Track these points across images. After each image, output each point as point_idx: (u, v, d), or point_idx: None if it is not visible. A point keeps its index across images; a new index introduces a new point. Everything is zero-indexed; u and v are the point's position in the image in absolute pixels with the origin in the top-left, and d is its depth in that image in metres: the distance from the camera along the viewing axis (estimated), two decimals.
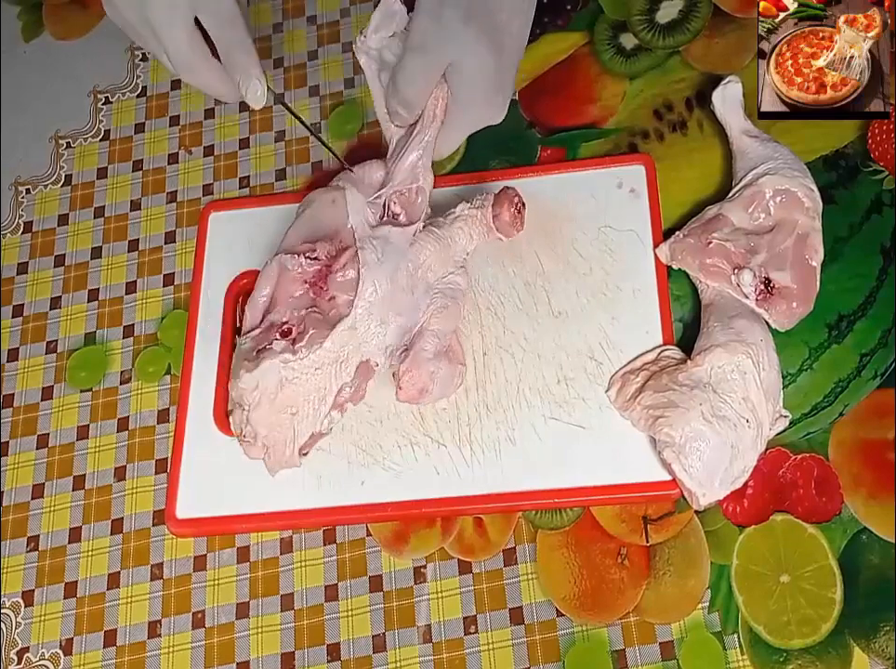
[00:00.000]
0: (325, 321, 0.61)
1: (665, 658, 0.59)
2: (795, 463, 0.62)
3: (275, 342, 0.60)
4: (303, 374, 0.60)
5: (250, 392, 0.60)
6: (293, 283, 0.63)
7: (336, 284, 0.62)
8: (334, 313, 0.62)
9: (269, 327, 0.62)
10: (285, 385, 0.60)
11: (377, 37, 0.63)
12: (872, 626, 0.58)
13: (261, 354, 0.60)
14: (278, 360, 0.60)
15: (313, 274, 0.63)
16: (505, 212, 0.65)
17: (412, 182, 0.64)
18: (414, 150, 0.64)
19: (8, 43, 0.92)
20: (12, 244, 0.81)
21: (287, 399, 0.60)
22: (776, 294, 0.62)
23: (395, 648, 0.62)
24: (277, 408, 0.60)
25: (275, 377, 0.60)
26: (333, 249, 0.63)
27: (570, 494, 0.62)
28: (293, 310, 0.62)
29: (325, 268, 0.63)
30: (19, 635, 0.66)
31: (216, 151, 0.82)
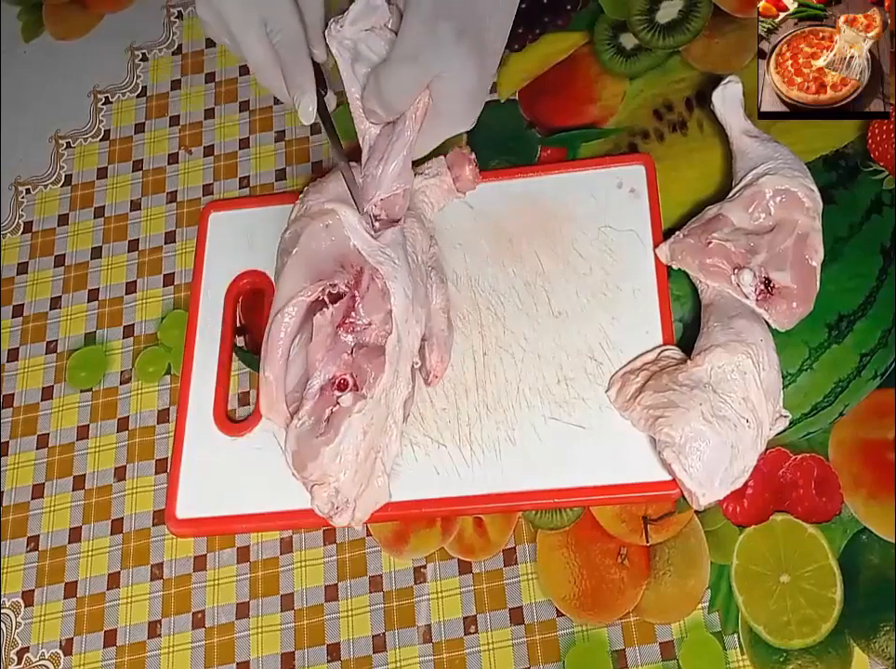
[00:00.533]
0: (375, 349, 0.59)
1: (665, 658, 0.59)
2: (795, 463, 0.62)
3: (342, 399, 0.57)
4: (374, 411, 0.58)
5: (333, 464, 0.57)
6: (325, 334, 0.60)
7: (367, 310, 0.60)
8: (376, 337, 0.60)
9: (321, 392, 0.58)
10: (367, 431, 0.57)
11: (354, 28, 0.61)
12: (872, 626, 0.58)
13: (334, 418, 0.57)
14: (356, 416, 0.57)
15: (343, 314, 0.60)
16: (465, 170, 0.69)
17: (398, 187, 0.63)
18: (397, 154, 0.62)
19: (8, 43, 0.92)
20: (12, 244, 0.81)
21: (369, 444, 0.58)
22: (776, 294, 0.62)
23: (395, 648, 0.62)
24: (364, 459, 0.58)
25: (357, 433, 0.57)
26: (350, 278, 0.60)
27: (570, 494, 0.62)
28: (336, 361, 0.59)
29: (350, 301, 0.60)
30: (19, 635, 0.66)
31: (216, 151, 0.82)
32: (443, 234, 0.72)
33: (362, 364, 0.58)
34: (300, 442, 0.58)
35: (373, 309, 0.60)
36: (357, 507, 0.59)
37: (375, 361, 0.58)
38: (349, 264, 0.61)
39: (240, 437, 0.67)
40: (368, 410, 0.57)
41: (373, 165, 0.62)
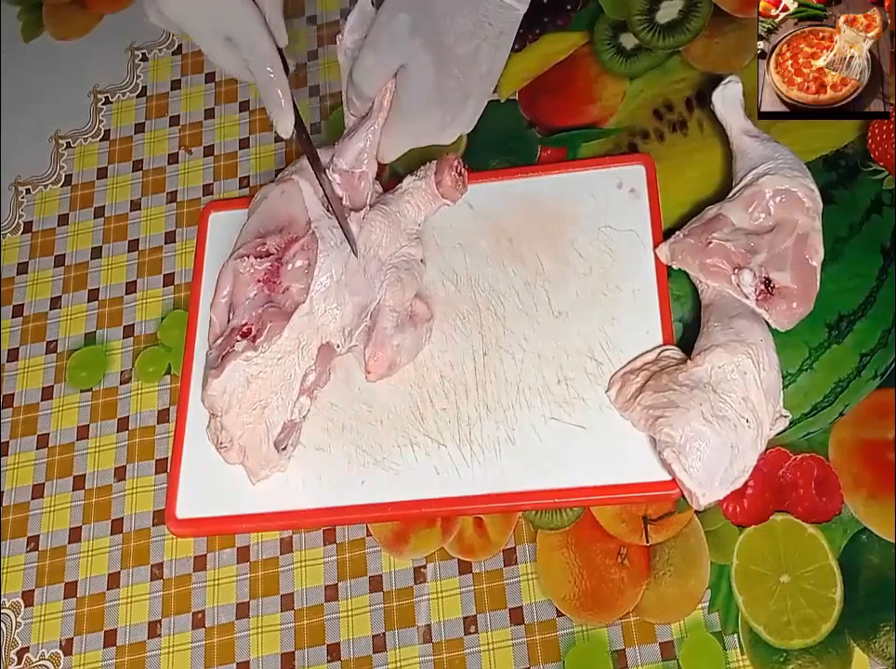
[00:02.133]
0: (282, 313, 0.62)
1: (665, 658, 0.59)
2: (795, 463, 0.62)
3: (237, 344, 0.61)
4: (267, 368, 0.61)
5: (220, 397, 0.61)
6: (246, 285, 0.63)
7: (288, 275, 0.63)
8: (289, 303, 0.62)
9: (230, 332, 0.62)
10: (251, 381, 0.61)
11: (352, 38, 0.65)
12: (872, 626, 0.58)
13: (225, 358, 0.61)
14: (241, 360, 0.60)
15: (265, 272, 0.63)
16: (446, 177, 0.68)
17: (356, 167, 0.65)
18: (360, 136, 0.65)
19: (8, 43, 0.92)
20: (12, 244, 0.81)
21: (255, 395, 0.61)
22: (776, 294, 0.62)
23: (395, 648, 0.62)
24: (247, 406, 0.61)
25: (241, 377, 0.61)
26: (282, 241, 0.64)
27: (570, 494, 0.62)
28: (250, 311, 0.63)
29: (276, 263, 0.63)
30: (19, 635, 0.66)
31: (216, 151, 0.82)
32: (443, 234, 0.72)
33: (267, 321, 0.62)
34: (204, 369, 0.63)
35: (294, 277, 0.63)
36: (247, 456, 0.63)
37: (277, 322, 0.61)
38: (289, 230, 0.64)
39: None
40: (257, 362, 0.60)
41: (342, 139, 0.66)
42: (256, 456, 0.63)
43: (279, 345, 0.61)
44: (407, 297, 0.67)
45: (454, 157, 0.69)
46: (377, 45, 0.60)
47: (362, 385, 0.67)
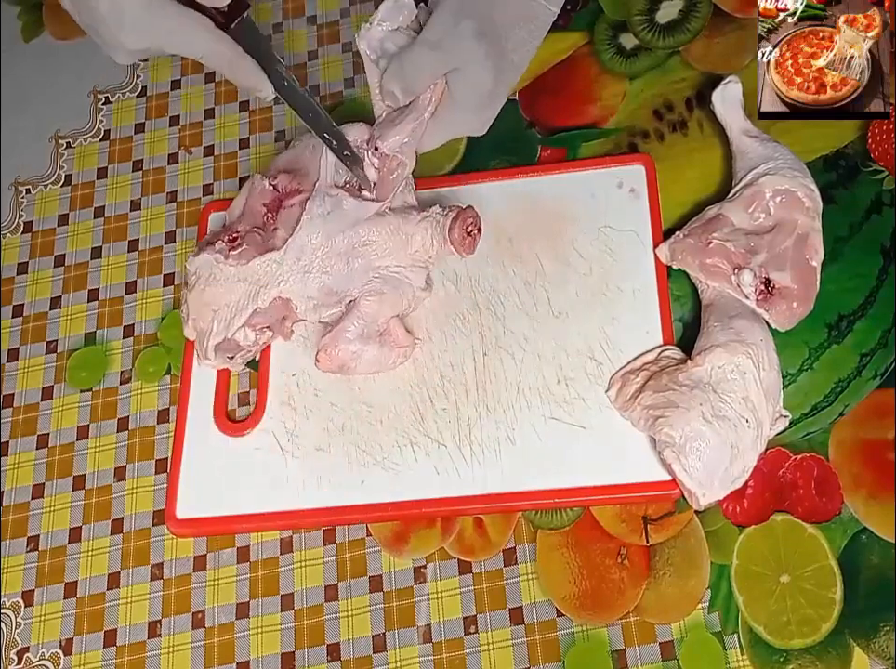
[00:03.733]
0: (261, 245, 0.66)
1: (665, 658, 0.59)
2: (795, 463, 0.62)
3: (217, 242, 0.67)
4: (226, 281, 0.66)
5: (190, 275, 0.67)
6: (256, 202, 0.69)
7: (282, 218, 0.67)
8: (270, 242, 0.67)
9: (224, 229, 0.68)
10: (211, 282, 0.66)
11: (382, 28, 0.65)
12: (872, 626, 0.58)
13: (206, 247, 0.67)
14: (211, 256, 0.66)
15: (269, 200, 0.68)
16: (455, 230, 0.65)
17: (399, 154, 0.66)
18: (406, 127, 0.66)
19: (8, 43, 0.92)
20: (12, 244, 0.81)
21: (211, 296, 0.66)
22: (776, 294, 0.62)
23: (395, 648, 0.62)
24: (203, 300, 0.67)
25: (207, 270, 0.67)
26: (290, 186, 0.68)
27: (570, 494, 0.62)
28: (245, 223, 0.68)
29: (278, 199, 0.68)
30: (19, 635, 0.66)
31: (216, 151, 0.82)
32: None
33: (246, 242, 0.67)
34: None
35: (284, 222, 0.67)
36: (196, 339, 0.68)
37: (251, 249, 0.66)
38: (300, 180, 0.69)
39: (240, 437, 0.67)
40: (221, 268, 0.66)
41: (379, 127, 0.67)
42: (201, 345, 0.68)
43: (242, 270, 0.66)
44: (383, 313, 0.65)
45: (471, 214, 0.66)
46: (440, 44, 0.62)
47: (361, 385, 0.67)
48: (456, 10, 0.62)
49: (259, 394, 0.68)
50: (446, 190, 0.73)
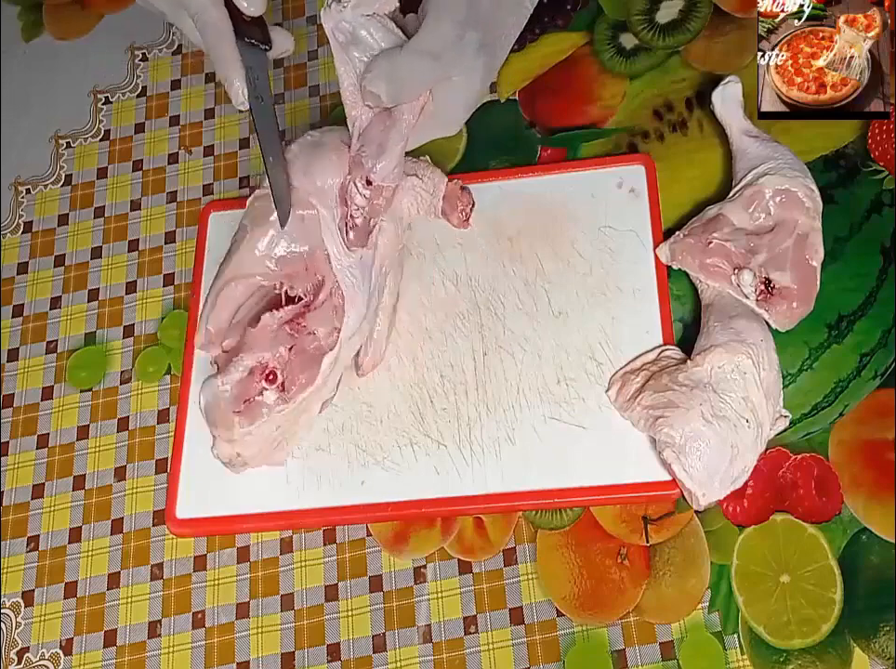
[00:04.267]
0: (310, 358, 0.61)
1: (665, 658, 0.59)
2: (795, 463, 0.62)
3: (266, 393, 0.60)
4: (293, 412, 0.61)
5: (243, 436, 0.60)
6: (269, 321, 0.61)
7: (314, 320, 0.61)
8: (315, 347, 0.61)
9: (251, 372, 0.60)
10: (280, 425, 0.61)
11: (355, 12, 0.60)
12: (872, 626, 0.58)
13: (253, 407, 0.59)
14: (275, 414, 0.60)
15: (293, 315, 0.61)
16: (454, 216, 0.69)
17: (389, 181, 0.62)
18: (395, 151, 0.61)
19: (8, 43, 0.92)
20: (12, 244, 0.81)
21: (281, 434, 0.62)
22: (776, 294, 0.62)
23: (395, 648, 0.62)
24: (269, 442, 0.62)
25: (272, 427, 0.61)
26: (311, 286, 0.62)
27: (570, 494, 0.62)
28: (273, 351, 0.60)
29: (304, 308, 0.62)
30: (19, 635, 0.66)
31: (216, 151, 0.82)
32: (443, 234, 0.72)
33: (294, 368, 0.60)
34: (216, 404, 0.60)
35: (321, 322, 0.61)
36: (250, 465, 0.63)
37: (308, 371, 0.60)
38: (314, 269, 0.61)
39: None
40: (286, 412, 0.60)
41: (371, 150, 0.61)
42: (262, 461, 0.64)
43: (308, 392, 0.61)
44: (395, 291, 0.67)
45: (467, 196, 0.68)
46: (441, 56, 0.58)
47: (362, 385, 0.67)
48: (463, 20, 0.58)
49: None
50: None
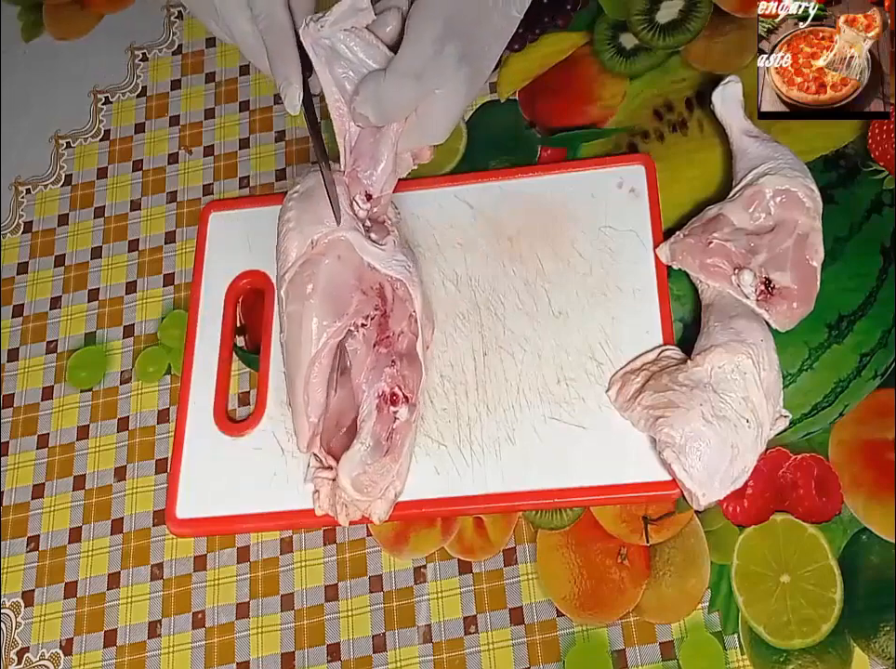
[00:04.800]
0: (410, 356, 0.62)
1: (665, 658, 0.59)
2: (795, 463, 0.62)
3: (398, 414, 0.60)
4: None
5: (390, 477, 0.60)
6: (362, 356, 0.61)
7: (396, 321, 0.62)
8: (409, 342, 0.62)
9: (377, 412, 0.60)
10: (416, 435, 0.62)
11: (333, 28, 0.59)
12: (872, 626, 0.58)
13: (394, 435, 0.60)
14: (414, 426, 0.61)
15: (375, 333, 0.61)
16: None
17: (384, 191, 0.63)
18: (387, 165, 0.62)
19: (8, 43, 0.92)
20: (12, 244, 0.81)
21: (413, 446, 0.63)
22: (776, 294, 0.62)
23: (395, 648, 0.62)
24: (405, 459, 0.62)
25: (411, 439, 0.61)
26: (376, 299, 0.62)
27: (570, 494, 0.62)
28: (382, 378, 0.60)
29: (383, 318, 0.62)
30: (19, 635, 0.66)
31: (216, 151, 0.82)
32: (443, 234, 0.72)
33: (405, 374, 0.61)
34: (366, 465, 0.59)
35: (401, 318, 0.62)
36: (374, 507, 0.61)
37: (413, 367, 0.61)
38: (369, 286, 0.62)
39: (240, 437, 0.67)
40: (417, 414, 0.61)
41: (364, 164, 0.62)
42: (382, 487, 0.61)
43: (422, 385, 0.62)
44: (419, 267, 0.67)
45: None
46: (422, 75, 0.57)
47: None
48: (440, 35, 0.56)
49: (259, 394, 0.68)
50: (446, 189, 0.73)
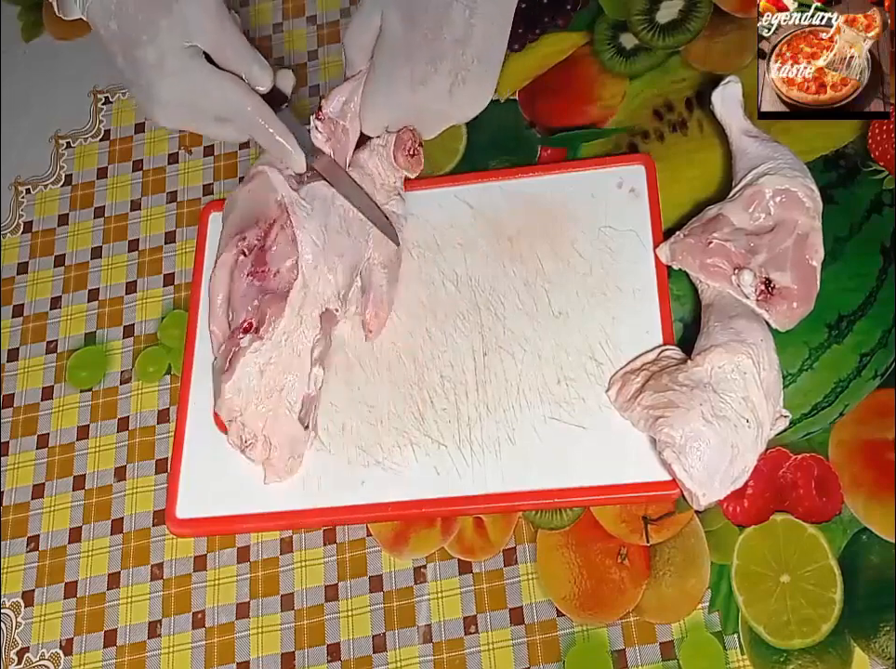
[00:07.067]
0: (279, 295, 0.63)
1: (665, 658, 0.59)
2: (795, 463, 0.62)
3: (241, 341, 0.62)
4: (276, 352, 0.62)
5: (236, 398, 0.62)
6: (238, 284, 0.64)
7: (275, 259, 0.64)
8: (283, 285, 0.63)
9: (232, 334, 0.63)
10: (264, 371, 0.62)
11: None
12: (872, 626, 0.58)
13: (233, 359, 0.62)
14: (249, 355, 0.61)
15: (251, 264, 0.64)
16: (399, 157, 0.69)
17: (340, 118, 0.68)
18: (345, 88, 0.69)
19: (8, 43, 0.92)
20: (12, 244, 0.81)
21: (270, 382, 0.62)
22: (776, 294, 0.62)
23: (395, 648, 0.62)
24: (264, 396, 0.62)
25: (254, 371, 0.62)
26: (261, 230, 0.65)
27: (570, 494, 0.62)
28: (246, 307, 0.63)
29: (260, 252, 0.64)
30: (19, 635, 0.66)
31: (216, 151, 0.82)
32: (443, 234, 0.72)
33: (264, 308, 0.62)
34: (214, 380, 0.64)
35: (281, 258, 0.64)
36: (273, 446, 0.63)
37: (275, 306, 0.62)
38: (264, 218, 0.65)
39: None
40: (265, 350, 0.62)
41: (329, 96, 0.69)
42: (283, 442, 0.63)
43: (282, 326, 0.62)
44: (393, 250, 0.68)
45: (407, 134, 0.69)
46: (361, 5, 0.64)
47: (362, 385, 0.67)
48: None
49: None
50: (446, 189, 0.73)
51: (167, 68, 0.61)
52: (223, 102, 0.62)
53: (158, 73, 0.61)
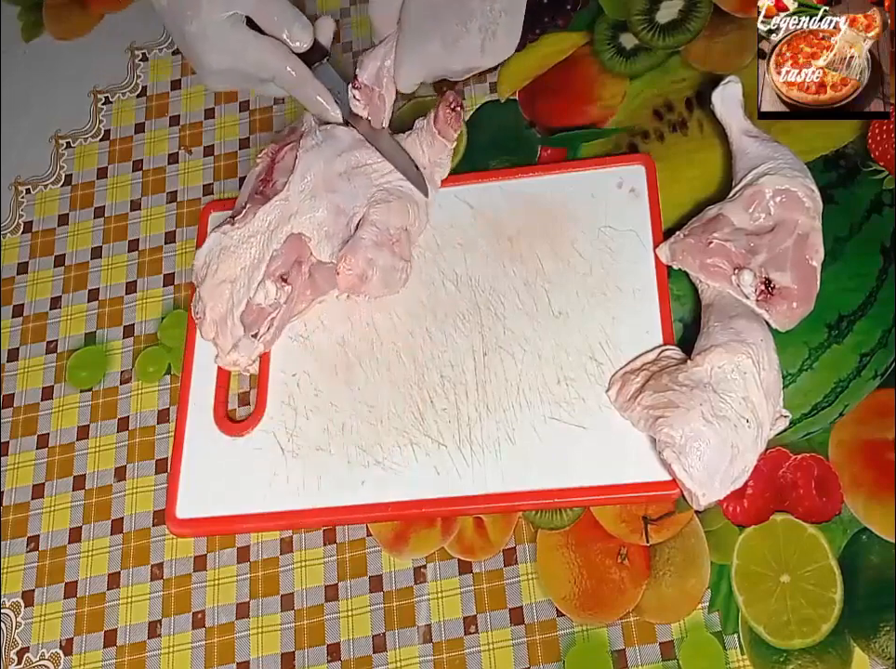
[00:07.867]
0: (262, 198, 0.67)
1: (665, 658, 0.59)
2: (795, 463, 0.62)
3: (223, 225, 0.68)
4: (239, 244, 0.66)
5: (201, 267, 0.67)
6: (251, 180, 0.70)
7: (277, 171, 0.69)
8: (272, 191, 0.68)
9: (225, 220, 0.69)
10: (223, 255, 0.66)
11: None
12: (872, 626, 0.58)
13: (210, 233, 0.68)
14: (217, 234, 0.67)
15: (263, 171, 0.69)
16: (441, 111, 0.70)
17: (376, 85, 0.70)
18: (378, 54, 0.70)
19: (8, 43, 0.92)
20: (12, 244, 0.81)
21: (225, 269, 0.66)
22: (776, 294, 0.62)
23: (395, 648, 0.62)
24: (218, 278, 0.66)
25: (217, 248, 0.67)
26: (280, 147, 0.70)
27: (570, 494, 0.62)
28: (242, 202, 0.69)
29: (271, 163, 0.69)
30: (19, 635, 0.66)
31: (216, 151, 0.82)
32: (443, 234, 0.72)
33: (248, 205, 0.68)
34: None
35: (281, 173, 0.68)
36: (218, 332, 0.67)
37: (255, 206, 0.67)
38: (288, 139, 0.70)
39: (240, 437, 0.67)
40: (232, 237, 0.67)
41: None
42: (224, 331, 0.66)
43: (252, 225, 0.66)
44: (392, 222, 0.68)
45: (452, 94, 0.70)
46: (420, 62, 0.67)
47: (362, 385, 0.67)
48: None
49: (259, 394, 0.68)
50: (446, 189, 0.73)
51: (211, 39, 0.64)
52: (263, 66, 0.65)
53: (203, 45, 0.65)
